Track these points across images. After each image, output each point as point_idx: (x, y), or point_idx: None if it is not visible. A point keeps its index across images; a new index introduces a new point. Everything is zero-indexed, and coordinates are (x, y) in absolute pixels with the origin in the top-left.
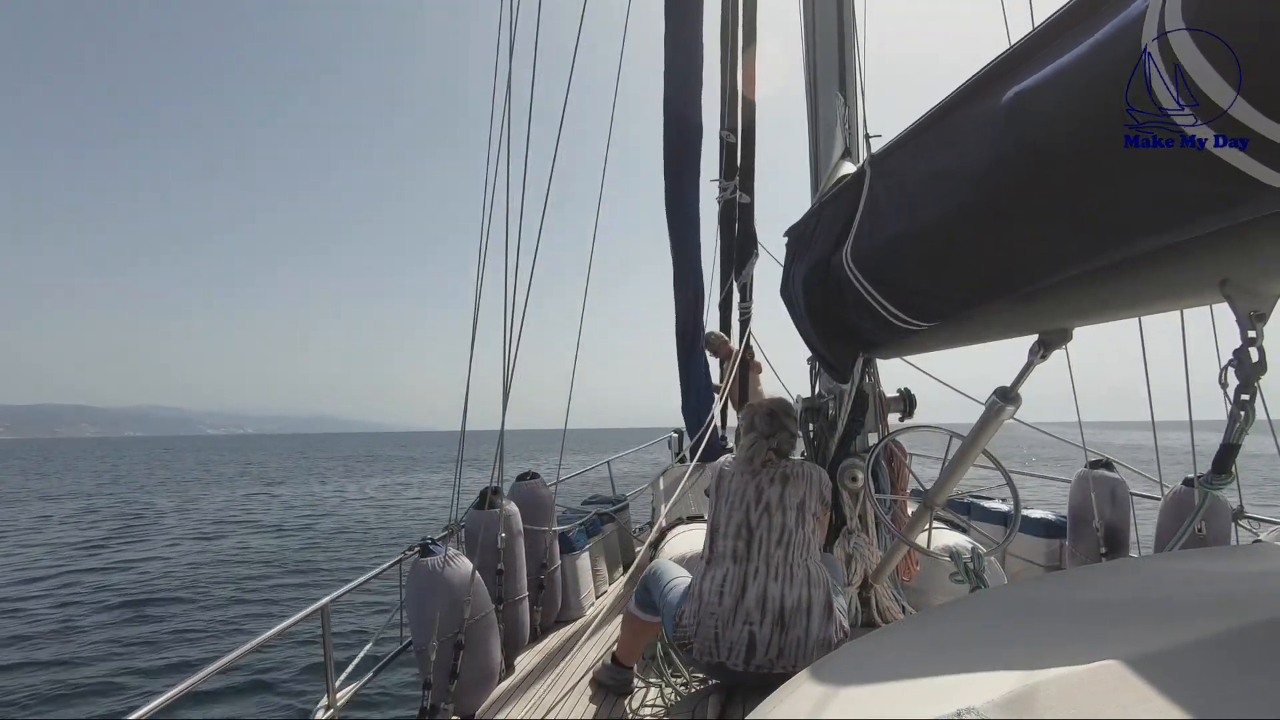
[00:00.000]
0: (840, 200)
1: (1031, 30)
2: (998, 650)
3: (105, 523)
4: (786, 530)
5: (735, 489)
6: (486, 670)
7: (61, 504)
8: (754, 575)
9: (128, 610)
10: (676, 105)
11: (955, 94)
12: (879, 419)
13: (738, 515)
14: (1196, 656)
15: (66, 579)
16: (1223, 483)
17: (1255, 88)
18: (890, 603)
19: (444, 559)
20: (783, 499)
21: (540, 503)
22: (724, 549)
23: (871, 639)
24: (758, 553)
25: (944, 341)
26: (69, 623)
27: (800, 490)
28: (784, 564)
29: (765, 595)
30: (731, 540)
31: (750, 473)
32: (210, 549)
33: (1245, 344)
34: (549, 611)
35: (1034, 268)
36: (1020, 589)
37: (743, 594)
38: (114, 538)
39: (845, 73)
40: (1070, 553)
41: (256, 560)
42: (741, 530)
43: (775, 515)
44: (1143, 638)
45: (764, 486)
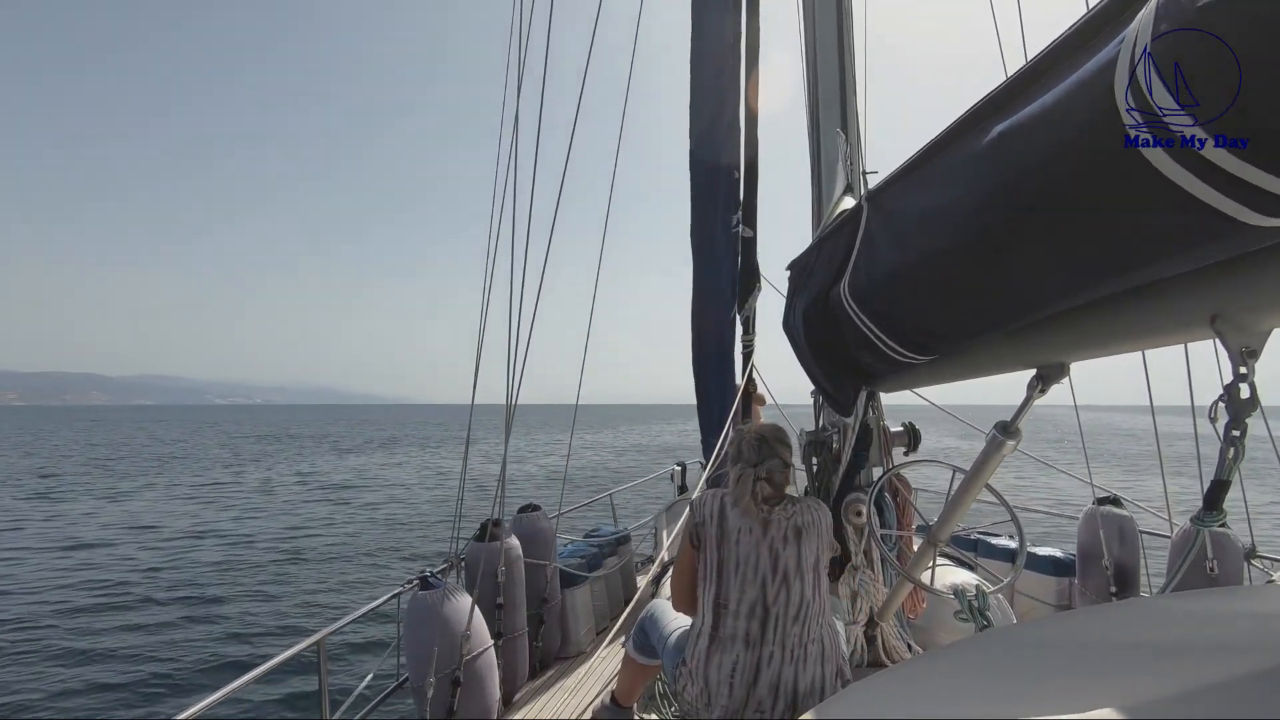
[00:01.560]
0: (839, 235)
1: (1020, 68)
2: (1005, 694)
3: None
4: (805, 603)
5: (745, 554)
6: (484, 707)
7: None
8: (768, 661)
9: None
10: (694, 144)
11: (947, 130)
12: (883, 453)
13: (751, 592)
14: (1205, 702)
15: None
16: (1215, 519)
17: (1233, 132)
18: (896, 641)
19: (443, 592)
20: (800, 563)
21: (541, 536)
22: (734, 630)
23: (877, 680)
24: (773, 636)
25: (944, 375)
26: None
27: (814, 545)
28: (799, 644)
29: (779, 683)
30: (745, 621)
31: (759, 527)
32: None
33: (1236, 380)
34: (549, 646)
35: (1027, 302)
36: (1028, 629)
37: (754, 683)
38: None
39: (846, 108)
40: (1080, 591)
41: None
42: (756, 609)
43: (794, 587)
44: (1152, 683)
45: (779, 550)
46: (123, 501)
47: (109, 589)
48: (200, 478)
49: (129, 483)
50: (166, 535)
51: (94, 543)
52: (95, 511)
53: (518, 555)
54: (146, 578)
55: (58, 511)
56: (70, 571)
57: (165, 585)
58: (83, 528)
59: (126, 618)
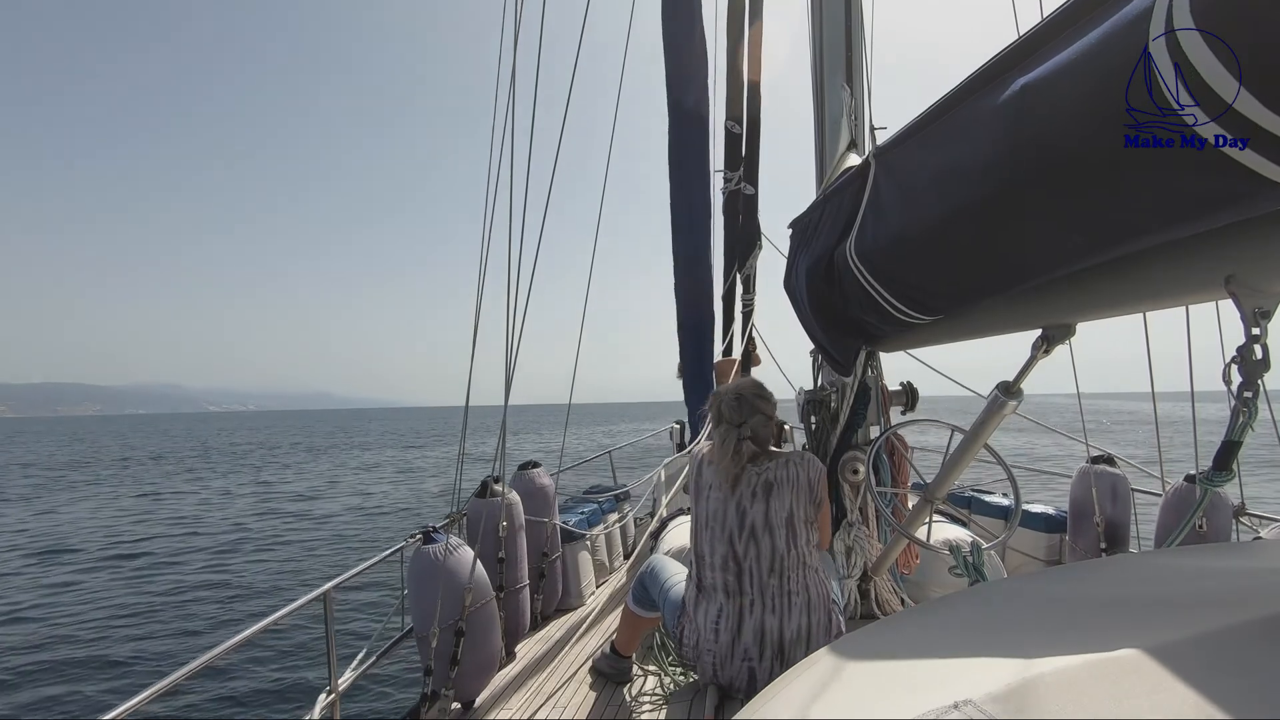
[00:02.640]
0: (845, 193)
1: (1036, 25)
2: (996, 643)
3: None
4: (778, 555)
5: (714, 510)
6: (487, 657)
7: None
8: (749, 609)
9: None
10: (675, 94)
11: (960, 88)
12: (881, 412)
13: (721, 547)
14: (1195, 652)
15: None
16: (1223, 479)
17: (1257, 84)
18: (890, 595)
19: (445, 547)
20: (768, 518)
21: (541, 492)
22: (713, 581)
23: (870, 630)
24: (750, 585)
25: (947, 335)
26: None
27: (786, 500)
28: (779, 593)
29: (763, 630)
30: (720, 574)
31: (728, 485)
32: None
33: (1249, 341)
34: (550, 600)
35: (1037, 263)
36: (1019, 582)
37: (739, 630)
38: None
39: (851, 64)
40: (1070, 548)
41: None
42: (729, 563)
43: (763, 541)
44: (1141, 633)
45: (745, 506)
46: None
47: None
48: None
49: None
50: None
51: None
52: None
53: (518, 510)
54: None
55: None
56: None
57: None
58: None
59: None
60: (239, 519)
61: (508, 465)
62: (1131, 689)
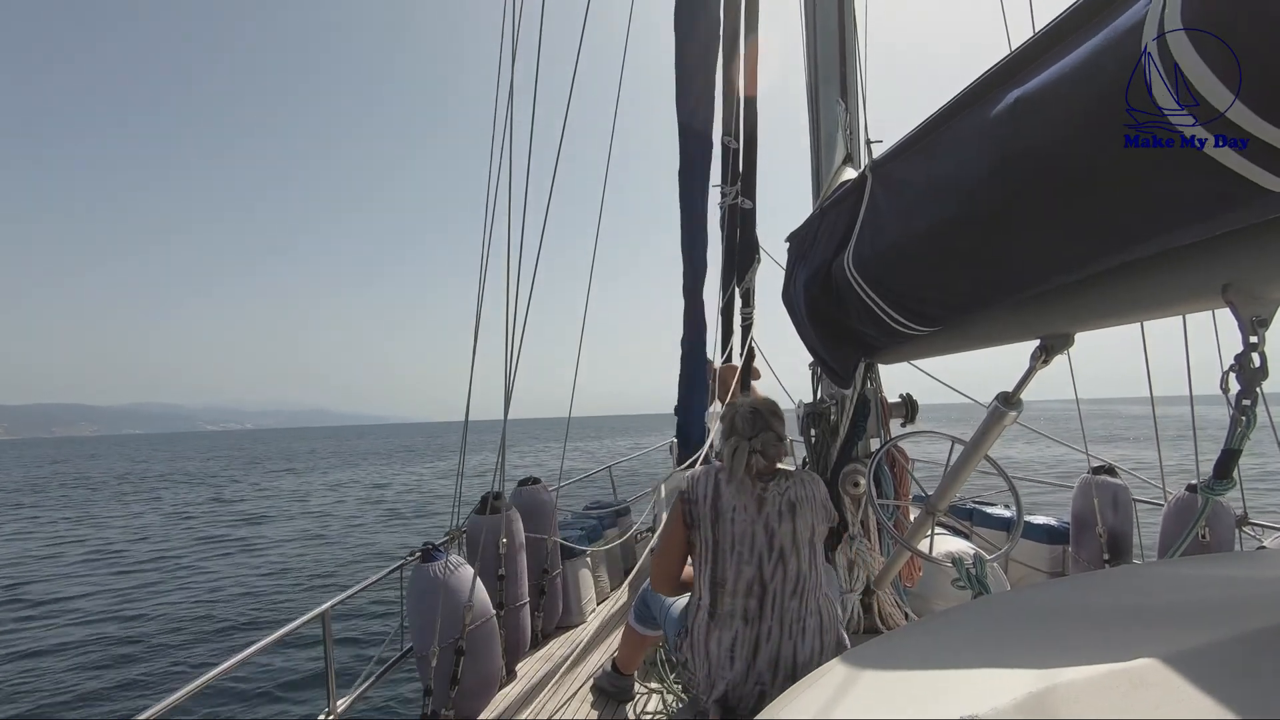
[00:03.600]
0: (841, 206)
1: (1030, 37)
2: (1002, 656)
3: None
4: (802, 578)
5: (740, 533)
6: (487, 676)
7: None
8: (767, 636)
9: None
10: (685, 116)
11: (955, 100)
12: (881, 424)
13: (748, 571)
14: (1200, 663)
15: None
16: (1224, 488)
17: (1254, 91)
18: (893, 608)
19: (445, 564)
20: (795, 538)
21: (541, 508)
22: (732, 608)
23: (876, 645)
24: (771, 611)
25: (946, 346)
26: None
27: (809, 519)
28: (798, 619)
29: (779, 657)
30: (742, 599)
31: (753, 505)
32: None
33: (1247, 349)
34: (550, 617)
35: (1034, 273)
36: (1023, 595)
37: (754, 657)
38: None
39: (846, 79)
40: (1073, 559)
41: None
42: (754, 587)
43: (790, 563)
44: (1149, 645)
45: (774, 526)
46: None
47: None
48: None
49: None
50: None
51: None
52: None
53: (519, 527)
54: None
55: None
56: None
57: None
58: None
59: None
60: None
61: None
62: (1140, 702)
